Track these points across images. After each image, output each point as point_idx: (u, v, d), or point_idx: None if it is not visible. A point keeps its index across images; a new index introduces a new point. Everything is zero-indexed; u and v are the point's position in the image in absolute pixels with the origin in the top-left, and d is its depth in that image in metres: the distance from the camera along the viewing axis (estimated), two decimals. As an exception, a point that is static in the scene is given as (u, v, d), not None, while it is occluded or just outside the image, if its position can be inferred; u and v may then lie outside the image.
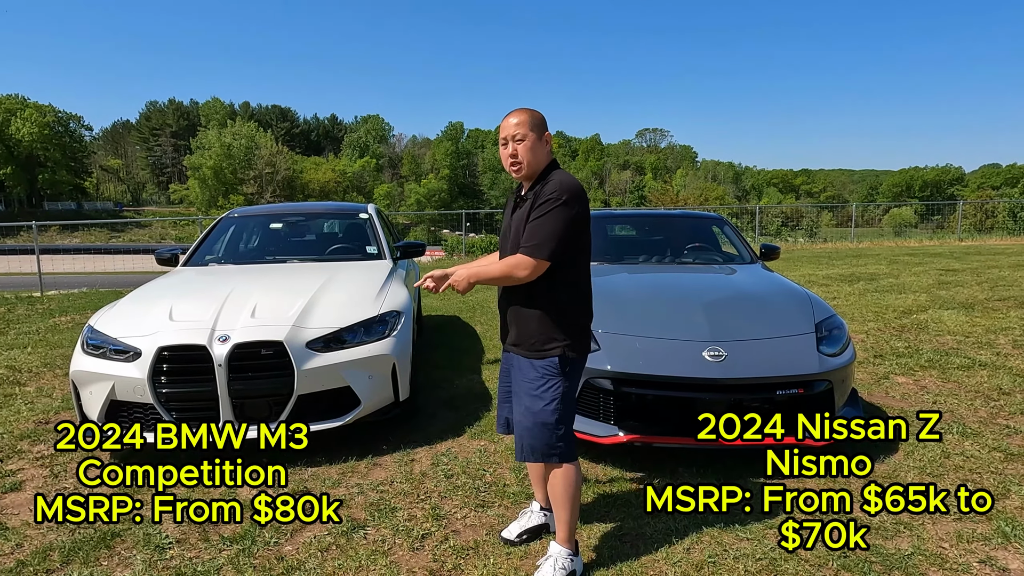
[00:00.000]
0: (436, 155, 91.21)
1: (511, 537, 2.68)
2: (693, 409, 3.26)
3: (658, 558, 2.56)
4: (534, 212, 2.28)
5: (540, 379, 2.34)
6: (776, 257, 5.08)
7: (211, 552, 2.65)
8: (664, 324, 3.52)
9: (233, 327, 3.42)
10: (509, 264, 2.29)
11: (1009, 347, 5.64)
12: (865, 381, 4.79)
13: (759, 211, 22.66)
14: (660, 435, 3.24)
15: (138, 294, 4.06)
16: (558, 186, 2.27)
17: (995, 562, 2.51)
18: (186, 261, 4.91)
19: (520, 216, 2.36)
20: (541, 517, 2.72)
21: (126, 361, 3.38)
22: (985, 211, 28.18)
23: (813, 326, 3.51)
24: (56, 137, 71.46)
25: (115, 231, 60.28)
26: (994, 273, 10.37)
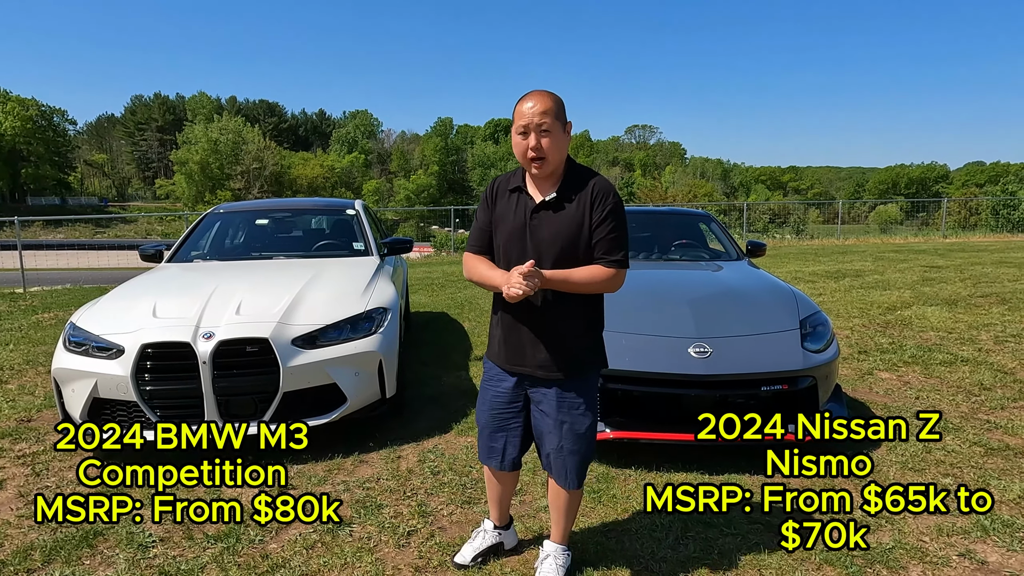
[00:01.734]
0: (425, 151, 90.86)
1: (465, 562, 2.48)
2: (679, 405, 3.29)
3: (644, 554, 2.57)
4: (604, 219, 2.05)
5: (589, 399, 2.19)
6: (762, 254, 5.11)
7: (195, 551, 2.64)
8: (651, 321, 3.53)
9: (218, 324, 3.39)
10: (598, 275, 2.05)
11: (991, 343, 5.72)
12: (849, 377, 4.84)
13: (746, 208, 22.78)
14: (647, 431, 3.26)
15: (121, 291, 4.02)
16: (611, 189, 2.11)
17: (974, 555, 2.54)
18: (170, 257, 4.86)
19: (566, 220, 2.07)
20: (495, 537, 2.54)
21: (109, 358, 3.35)
22: (969, 208, 28.50)
23: (798, 322, 3.53)
24: (39, 131, 70.45)
25: (100, 227, 59.49)
26: (977, 270, 10.51)
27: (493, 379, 2.28)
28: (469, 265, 2.20)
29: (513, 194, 2.15)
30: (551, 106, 2.02)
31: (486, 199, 2.20)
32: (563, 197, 2.09)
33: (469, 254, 2.22)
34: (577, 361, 2.16)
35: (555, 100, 2.04)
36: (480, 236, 2.21)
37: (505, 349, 2.20)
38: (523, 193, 2.14)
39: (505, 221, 2.14)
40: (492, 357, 2.29)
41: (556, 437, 2.19)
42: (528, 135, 2.02)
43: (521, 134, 2.03)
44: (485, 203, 2.20)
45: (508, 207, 2.15)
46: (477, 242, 2.21)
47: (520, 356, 2.17)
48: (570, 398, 2.17)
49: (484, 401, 2.32)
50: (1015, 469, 3.26)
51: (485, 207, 2.20)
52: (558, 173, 2.13)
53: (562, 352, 2.13)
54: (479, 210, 2.22)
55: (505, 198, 2.16)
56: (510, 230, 2.12)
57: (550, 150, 2.03)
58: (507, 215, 2.14)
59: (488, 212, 2.19)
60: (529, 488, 3.14)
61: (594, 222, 2.07)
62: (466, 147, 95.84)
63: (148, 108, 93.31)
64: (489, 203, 2.19)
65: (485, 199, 2.20)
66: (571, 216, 2.08)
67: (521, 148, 2.04)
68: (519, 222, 2.11)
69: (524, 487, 3.14)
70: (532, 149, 2.02)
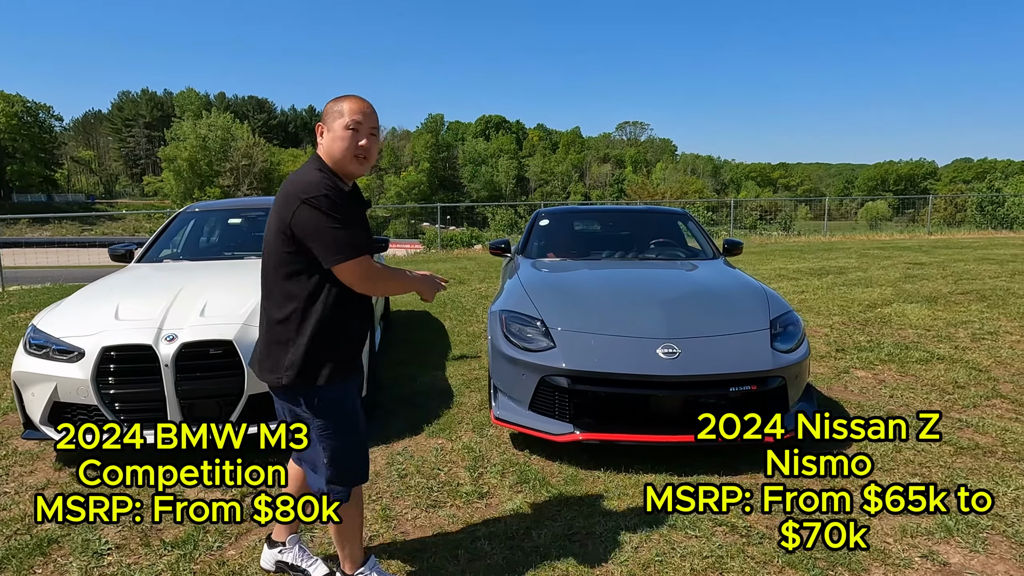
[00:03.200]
0: (416, 147, 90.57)
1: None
2: (648, 406, 3.27)
3: (605, 557, 2.55)
4: None
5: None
6: (739, 252, 5.10)
7: (151, 558, 2.59)
8: (620, 321, 3.51)
9: (181, 326, 3.33)
10: None
11: (968, 340, 5.74)
12: (825, 375, 4.84)
13: (734, 204, 22.83)
14: (615, 432, 3.24)
15: (85, 292, 3.95)
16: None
17: (937, 556, 2.54)
18: (140, 257, 4.79)
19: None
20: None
21: (69, 361, 3.29)
22: (955, 205, 28.71)
23: (768, 322, 3.52)
24: (25, 127, 69.72)
25: (87, 224, 58.93)
26: (959, 267, 10.56)
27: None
28: (378, 270, 2.07)
29: (351, 197, 2.10)
30: (375, 112, 2.10)
31: (347, 204, 2.03)
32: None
33: (370, 260, 2.04)
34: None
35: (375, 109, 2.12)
36: (367, 238, 2.10)
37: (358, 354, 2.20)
38: (358, 195, 2.19)
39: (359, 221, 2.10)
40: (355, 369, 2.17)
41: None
42: (360, 133, 2.04)
43: (352, 131, 2.02)
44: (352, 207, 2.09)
45: (355, 208, 2.10)
46: (368, 245, 2.07)
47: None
48: None
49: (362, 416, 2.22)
50: (983, 468, 3.26)
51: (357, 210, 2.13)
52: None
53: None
54: (347, 211, 2.01)
55: (348, 201, 2.06)
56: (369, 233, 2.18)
57: (373, 153, 2.10)
58: (359, 215, 2.10)
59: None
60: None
61: None
62: (457, 144, 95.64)
63: (136, 104, 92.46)
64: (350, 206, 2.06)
65: (346, 204, 2.03)
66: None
67: (350, 143, 2.02)
68: (368, 224, 2.17)
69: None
70: (363, 147, 2.05)
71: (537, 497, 3.04)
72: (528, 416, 3.42)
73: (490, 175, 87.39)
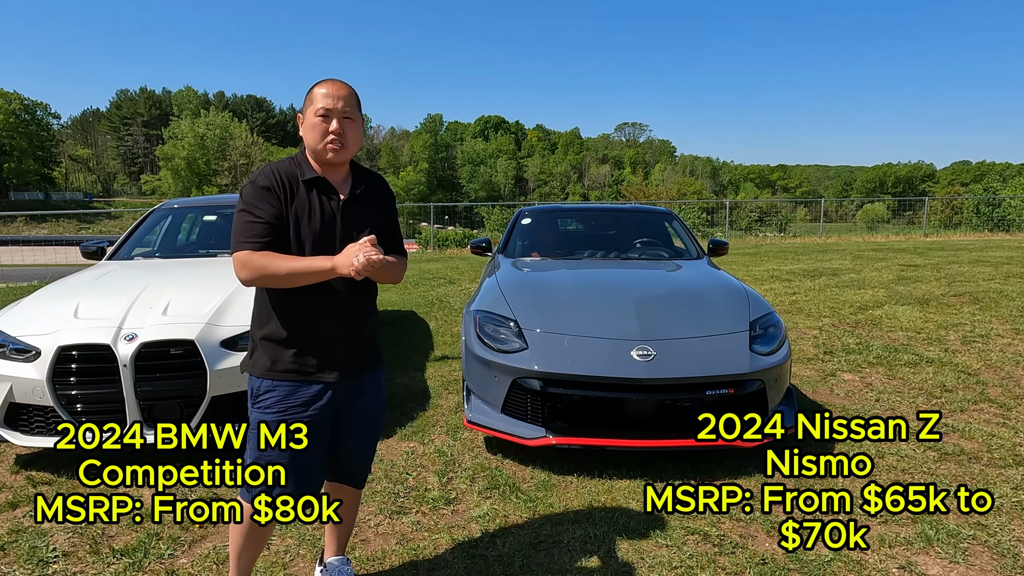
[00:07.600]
0: (415, 147, 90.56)
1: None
2: (621, 410, 3.17)
3: (571, 566, 2.45)
4: (389, 213, 2.16)
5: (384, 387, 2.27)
6: (724, 253, 5.01)
7: (98, 566, 2.49)
8: (595, 323, 3.41)
9: (142, 325, 3.23)
10: (403, 265, 2.12)
11: (958, 343, 5.65)
12: (811, 378, 4.75)
13: (729, 205, 22.75)
14: (588, 437, 3.14)
15: (48, 290, 3.85)
16: (389, 186, 2.22)
17: (915, 567, 2.44)
18: (111, 254, 4.68)
19: (362, 213, 2.03)
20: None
21: (25, 361, 3.19)
22: (952, 207, 28.65)
23: (747, 324, 3.42)
24: (22, 125, 69.44)
25: (84, 222, 58.72)
26: (953, 269, 10.47)
27: (290, 395, 2.02)
28: (262, 263, 1.83)
29: (311, 186, 1.96)
30: (354, 95, 1.99)
31: (272, 190, 1.91)
32: (366, 192, 2.08)
33: (252, 252, 1.85)
34: (378, 347, 2.21)
35: (354, 90, 2.01)
36: (265, 231, 1.88)
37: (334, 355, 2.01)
38: (324, 184, 1.98)
39: (311, 215, 1.94)
40: (283, 371, 1.99)
41: (356, 436, 2.19)
42: (330, 118, 1.93)
43: (322, 117, 1.92)
44: (273, 195, 1.91)
45: (308, 200, 1.95)
46: (260, 237, 1.88)
47: (349, 359, 2.04)
48: (382, 386, 2.23)
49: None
50: (967, 475, 3.17)
51: (274, 199, 1.91)
52: (347, 166, 2.07)
53: (372, 341, 2.16)
54: (259, 201, 1.89)
55: (301, 190, 1.95)
56: (318, 224, 1.94)
57: (352, 138, 1.97)
58: (311, 209, 1.95)
59: (279, 205, 1.91)
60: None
61: (389, 219, 2.14)
62: (456, 144, 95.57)
63: (134, 102, 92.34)
64: (279, 195, 1.92)
65: (270, 190, 1.91)
66: (372, 211, 2.08)
67: (318, 129, 1.92)
68: (328, 216, 1.96)
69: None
70: (333, 132, 1.92)
71: (506, 503, 2.94)
72: (500, 419, 3.33)
73: (489, 175, 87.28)
